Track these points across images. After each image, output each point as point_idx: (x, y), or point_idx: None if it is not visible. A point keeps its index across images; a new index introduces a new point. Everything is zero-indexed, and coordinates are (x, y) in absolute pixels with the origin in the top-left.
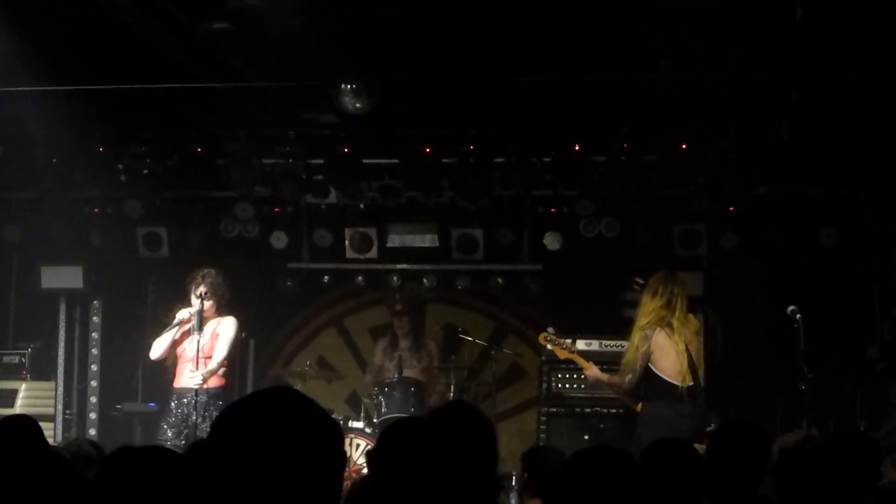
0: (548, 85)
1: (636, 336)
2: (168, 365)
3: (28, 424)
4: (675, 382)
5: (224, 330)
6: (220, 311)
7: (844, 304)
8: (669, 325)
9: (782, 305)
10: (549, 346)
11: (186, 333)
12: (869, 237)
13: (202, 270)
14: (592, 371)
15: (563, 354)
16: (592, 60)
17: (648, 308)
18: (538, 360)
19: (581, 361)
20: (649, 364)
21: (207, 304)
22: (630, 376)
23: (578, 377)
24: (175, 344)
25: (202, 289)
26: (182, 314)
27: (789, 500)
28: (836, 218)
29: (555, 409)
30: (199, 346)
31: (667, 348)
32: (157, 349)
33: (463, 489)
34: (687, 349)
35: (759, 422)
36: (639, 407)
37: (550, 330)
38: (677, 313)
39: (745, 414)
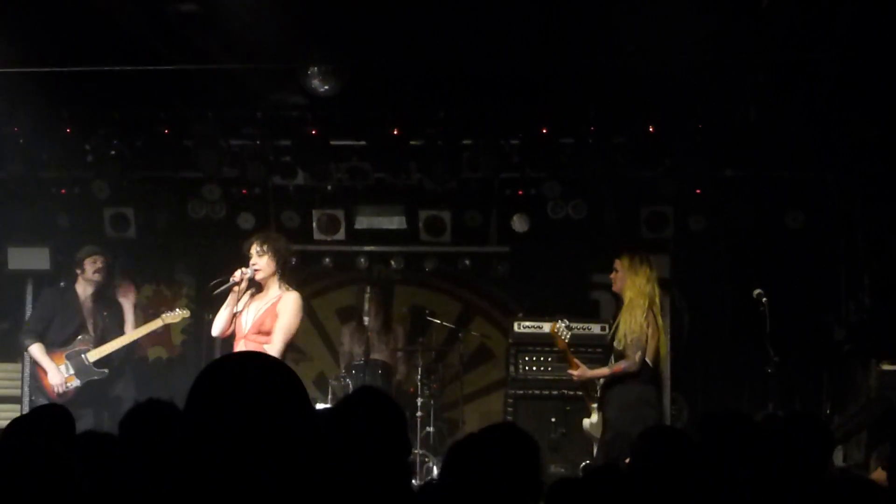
0: (516, 68)
1: (640, 314)
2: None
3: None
4: (651, 366)
5: (285, 307)
6: (283, 279)
7: (811, 286)
8: (655, 306)
9: (749, 288)
10: (558, 335)
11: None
12: (835, 219)
13: (263, 234)
14: (581, 371)
15: (562, 345)
16: (560, 44)
17: (643, 287)
18: (505, 342)
19: (572, 361)
20: None
21: (262, 261)
22: (639, 353)
23: (545, 360)
24: (236, 316)
25: (259, 247)
26: (235, 276)
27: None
28: (802, 200)
29: (522, 392)
30: (255, 316)
31: (656, 332)
32: (217, 325)
33: (373, 475)
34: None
35: (725, 404)
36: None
37: (566, 321)
38: (657, 293)
39: (712, 396)
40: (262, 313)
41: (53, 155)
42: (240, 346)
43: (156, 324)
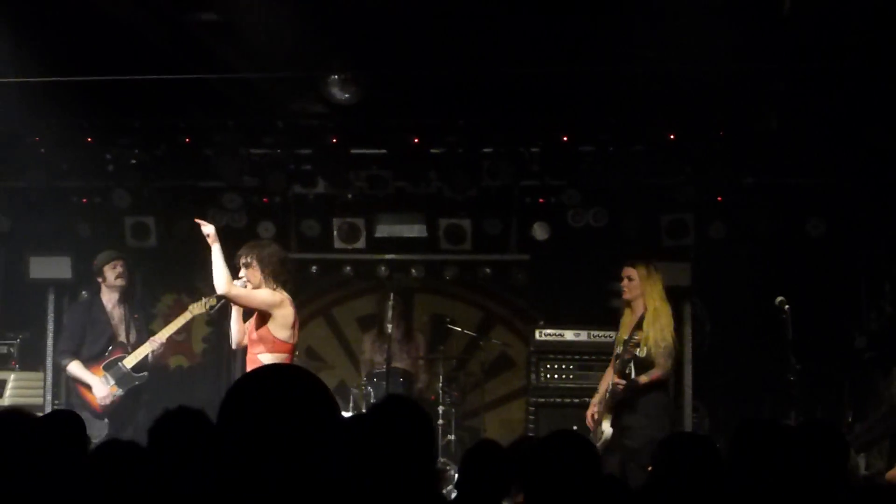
0: (535, 75)
1: (668, 322)
2: None
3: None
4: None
5: (259, 291)
6: (275, 284)
7: (832, 294)
8: None
9: (770, 296)
10: None
11: (249, 314)
12: (856, 227)
13: (252, 242)
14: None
15: None
16: (580, 51)
17: (662, 294)
18: (526, 350)
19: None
20: None
21: (248, 272)
22: (670, 361)
23: (567, 367)
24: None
25: (245, 258)
26: None
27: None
28: (823, 208)
29: (543, 400)
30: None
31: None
32: (231, 337)
33: (401, 481)
34: None
35: (746, 413)
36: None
37: None
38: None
39: (733, 405)
40: (253, 322)
41: (74, 164)
42: (248, 358)
43: (185, 317)
